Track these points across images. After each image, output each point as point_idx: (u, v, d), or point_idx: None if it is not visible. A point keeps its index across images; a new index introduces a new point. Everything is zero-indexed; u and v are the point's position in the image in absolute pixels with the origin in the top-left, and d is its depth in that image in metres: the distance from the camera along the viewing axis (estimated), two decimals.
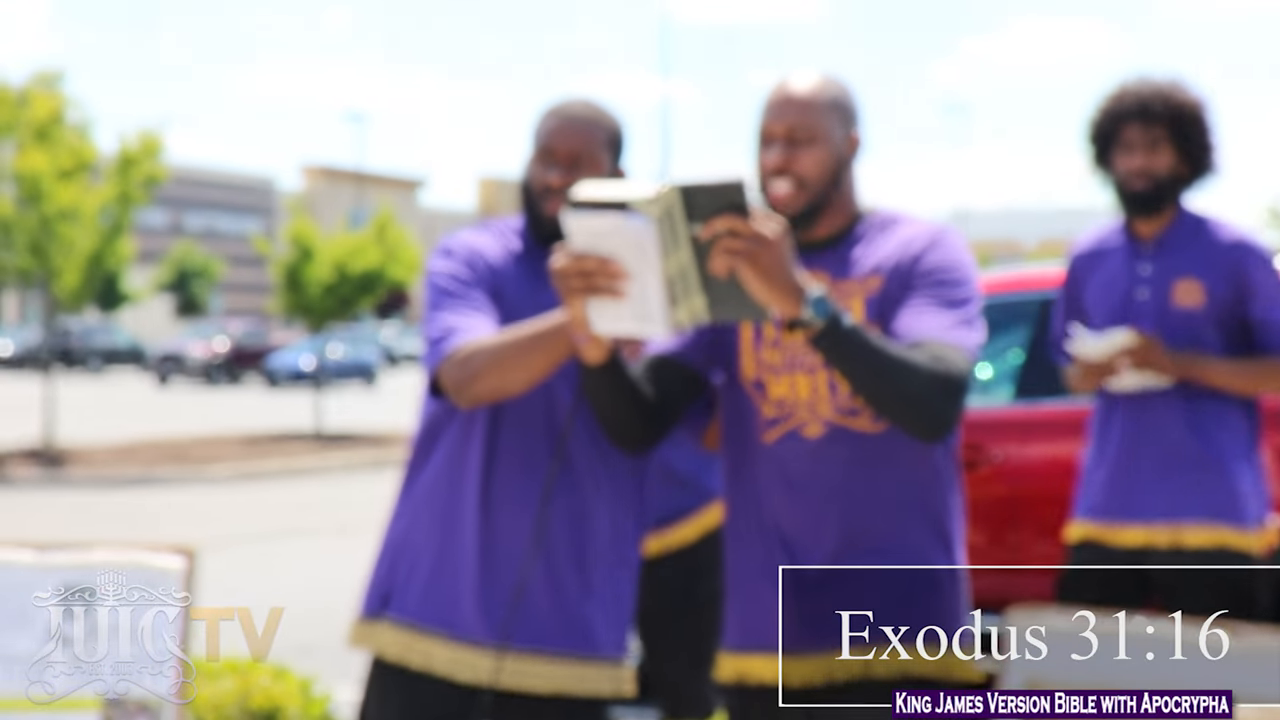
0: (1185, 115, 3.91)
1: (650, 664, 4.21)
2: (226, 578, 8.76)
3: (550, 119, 2.89)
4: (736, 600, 2.79)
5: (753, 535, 2.74)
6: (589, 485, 2.85)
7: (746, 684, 2.75)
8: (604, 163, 2.88)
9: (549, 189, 2.84)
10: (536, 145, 2.89)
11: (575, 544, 2.84)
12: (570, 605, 2.83)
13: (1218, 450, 3.83)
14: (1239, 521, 3.81)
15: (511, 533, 2.80)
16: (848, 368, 2.49)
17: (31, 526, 12.01)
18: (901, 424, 2.55)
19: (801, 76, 2.74)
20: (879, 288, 2.69)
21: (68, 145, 17.03)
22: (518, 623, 2.78)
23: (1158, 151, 3.88)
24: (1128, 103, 3.91)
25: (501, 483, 2.82)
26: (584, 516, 2.85)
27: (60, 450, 16.92)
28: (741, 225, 2.34)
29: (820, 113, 2.69)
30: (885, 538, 2.66)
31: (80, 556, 2.83)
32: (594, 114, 2.91)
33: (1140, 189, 3.89)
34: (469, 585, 2.81)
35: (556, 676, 2.81)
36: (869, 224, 2.77)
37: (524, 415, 2.83)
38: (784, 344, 2.70)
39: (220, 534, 11.36)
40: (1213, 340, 3.86)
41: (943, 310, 2.62)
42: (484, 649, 2.79)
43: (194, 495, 14.30)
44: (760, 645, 2.72)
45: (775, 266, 2.37)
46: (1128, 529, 3.87)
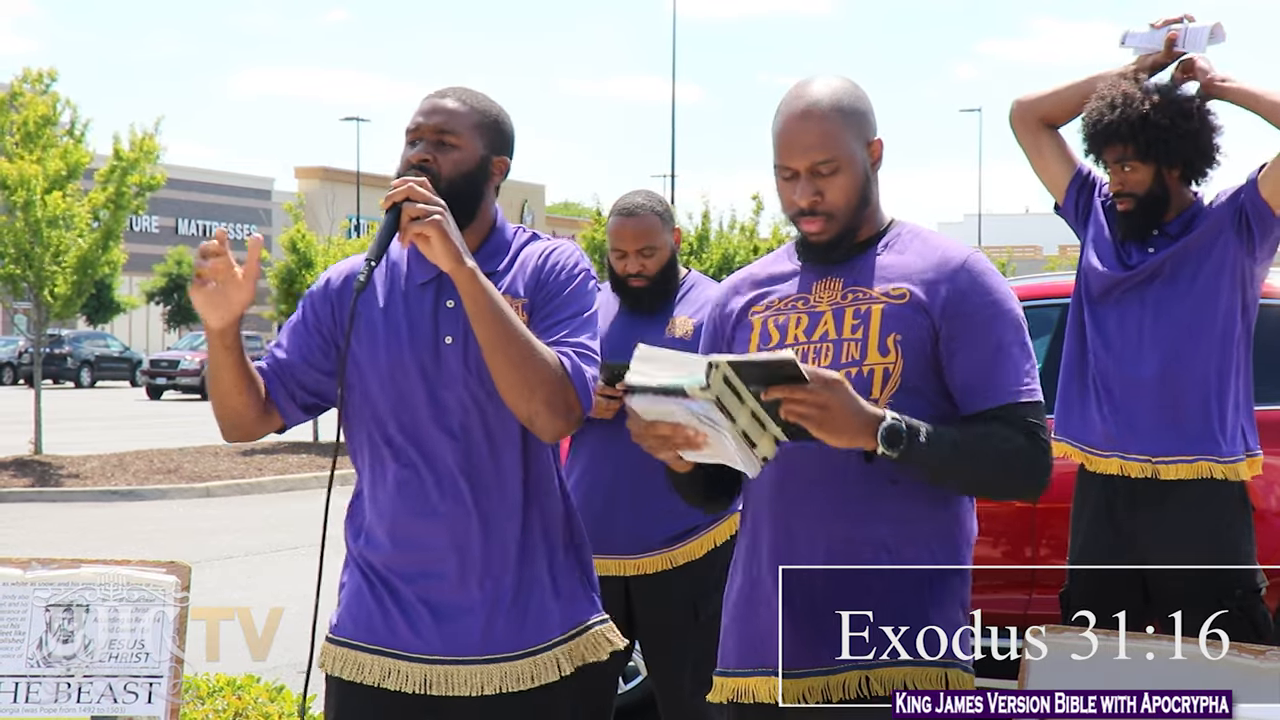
0: (1150, 126, 3.97)
1: (655, 679, 4.17)
2: (220, 593, 8.69)
3: (421, 103, 2.88)
4: (733, 622, 2.77)
5: (757, 543, 2.72)
6: (467, 497, 2.79)
7: (743, 703, 2.72)
8: (474, 146, 2.83)
9: (410, 165, 2.80)
10: (407, 128, 2.86)
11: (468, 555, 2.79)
12: (475, 611, 2.78)
13: (1193, 386, 3.95)
14: (1218, 453, 3.94)
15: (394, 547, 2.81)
16: (932, 476, 2.58)
17: (19, 540, 11.93)
18: (998, 500, 2.60)
19: (811, 102, 2.65)
20: (904, 304, 2.64)
21: (58, 149, 16.93)
22: (437, 633, 2.76)
23: (1129, 170, 4.01)
24: (1096, 127, 4.05)
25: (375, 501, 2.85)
26: (473, 527, 2.78)
27: (49, 462, 16.83)
28: (799, 395, 2.43)
29: (839, 139, 2.64)
30: (890, 546, 2.63)
31: (69, 573, 2.77)
32: (467, 97, 2.88)
33: (1123, 210, 4.05)
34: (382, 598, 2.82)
35: (477, 679, 2.76)
36: (896, 233, 2.74)
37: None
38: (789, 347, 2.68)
39: (214, 548, 11.28)
40: (1229, 242, 3.97)
41: (1004, 357, 2.62)
42: (409, 660, 2.77)
43: (187, 508, 14.23)
44: (756, 665, 2.69)
45: (841, 423, 2.46)
46: (1108, 458, 4.03)
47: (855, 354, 2.63)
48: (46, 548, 10.63)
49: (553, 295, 2.82)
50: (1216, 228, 4.02)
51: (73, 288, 17.20)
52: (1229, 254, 4.01)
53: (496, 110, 2.91)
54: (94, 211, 17.28)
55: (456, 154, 2.82)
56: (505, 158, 2.90)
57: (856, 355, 2.63)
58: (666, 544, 4.05)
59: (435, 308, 2.82)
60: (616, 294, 4.20)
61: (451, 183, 2.79)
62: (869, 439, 2.49)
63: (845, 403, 2.45)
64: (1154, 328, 4.02)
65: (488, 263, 2.83)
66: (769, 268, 2.83)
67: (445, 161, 2.81)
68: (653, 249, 4.12)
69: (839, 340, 2.65)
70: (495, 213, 2.92)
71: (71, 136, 17.41)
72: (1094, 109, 4.06)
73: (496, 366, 2.69)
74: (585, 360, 2.77)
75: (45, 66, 17.27)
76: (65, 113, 17.39)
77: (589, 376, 2.76)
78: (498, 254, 2.87)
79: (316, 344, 2.88)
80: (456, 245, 2.66)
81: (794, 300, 2.73)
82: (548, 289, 2.83)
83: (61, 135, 17.31)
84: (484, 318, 2.68)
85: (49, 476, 15.98)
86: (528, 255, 2.88)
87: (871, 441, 2.49)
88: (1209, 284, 4.00)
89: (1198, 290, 4.01)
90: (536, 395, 2.69)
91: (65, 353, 41.72)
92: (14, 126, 16.90)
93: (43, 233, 16.66)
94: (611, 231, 4.17)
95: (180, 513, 13.81)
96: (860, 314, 2.65)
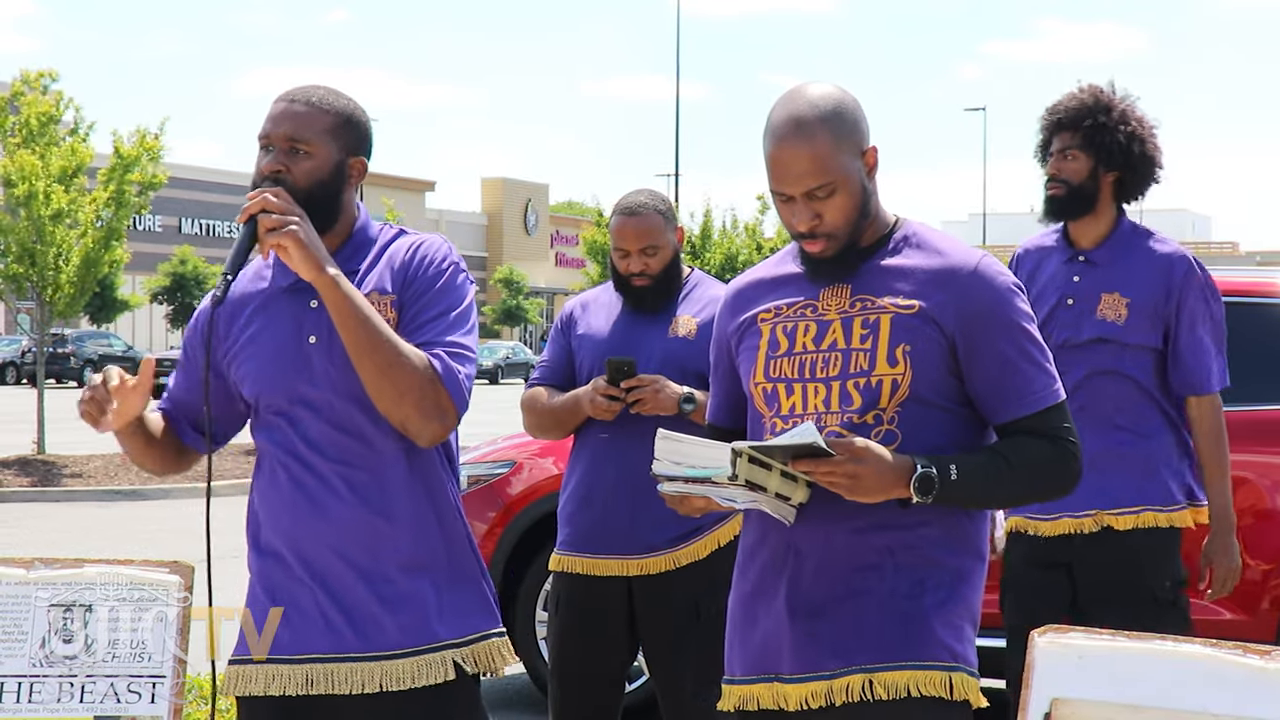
0: (1097, 123, 4.14)
1: (657, 680, 4.16)
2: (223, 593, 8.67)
3: (271, 106, 2.81)
4: (737, 628, 2.75)
5: (760, 547, 2.70)
6: (348, 496, 2.76)
7: (749, 710, 2.70)
8: (327, 151, 2.78)
9: (263, 176, 2.76)
10: (259, 134, 2.81)
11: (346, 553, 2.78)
12: (358, 608, 2.76)
13: (1137, 441, 4.04)
14: (1163, 502, 4.04)
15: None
16: (965, 506, 2.62)
17: (22, 540, 11.92)
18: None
19: (800, 123, 2.59)
20: (913, 314, 2.62)
21: (61, 148, 16.92)
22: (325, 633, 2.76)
23: (1069, 159, 4.16)
24: (1051, 115, 4.23)
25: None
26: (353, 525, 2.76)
27: (52, 462, 16.82)
28: (826, 468, 2.48)
29: (832, 160, 2.59)
30: (894, 549, 2.61)
31: (71, 573, 2.77)
32: (318, 99, 2.80)
33: (1051, 194, 4.21)
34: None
35: (358, 677, 2.74)
36: (902, 235, 2.71)
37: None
38: (797, 355, 2.67)
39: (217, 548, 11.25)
40: (1130, 358, 4.06)
41: (1021, 364, 2.62)
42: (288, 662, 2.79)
43: (190, 508, 14.22)
44: (761, 671, 2.68)
45: (873, 486, 2.50)
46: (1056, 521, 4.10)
47: (864, 364, 2.61)
48: (49, 547, 10.62)
49: (421, 292, 2.78)
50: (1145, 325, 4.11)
51: (76, 287, 17.21)
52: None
53: (351, 109, 2.83)
54: (97, 210, 17.26)
55: (309, 162, 2.76)
56: (362, 157, 2.84)
57: (865, 365, 2.61)
58: (669, 545, 4.04)
59: (301, 308, 2.80)
60: (619, 293, 4.19)
61: (307, 192, 2.74)
62: (902, 490, 2.52)
63: (875, 467, 2.49)
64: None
65: (349, 261, 2.81)
66: (775, 270, 2.81)
67: (299, 171, 2.75)
68: (655, 248, 4.11)
69: (848, 350, 2.63)
70: (358, 211, 2.88)
71: (74, 135, 17.40)
72: (1063, 101, 4.24)
73: (364, 373, 2.68)
74: (458, 359, 2.73)
75: (46, 67, 17.29)
76: (68, 112, 17.40)
77: (462, 376, 2.73)
78: (360, 252, 2.84)
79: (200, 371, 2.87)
80: (315, 254, 2.65)
81: (802, 307, 2.71)
82: (415, 286, 2.79)
83: (64, 134, 17.31)
84: (347, 324, 2.66)
85: (52, 476, 15.99)
86: (395, 251, 2.84)
87: (905, 491, 2.52)
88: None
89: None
90: (406, 400, 2.67)
91: (68, 352, 41.71)
92: (16, 126, 16.90)
93: (46, 230, 16.65)
94: (614, 231, 4.16)
95: (183, 512, 13.82)
96: (869, 324, 2.63)
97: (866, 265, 2.68)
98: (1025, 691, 2.35)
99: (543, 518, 6.20)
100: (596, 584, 4.07)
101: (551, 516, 5.28)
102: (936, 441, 2.60)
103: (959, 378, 2.63)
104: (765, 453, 2.49)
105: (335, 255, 2.77)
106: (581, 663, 4.06)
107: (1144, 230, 4.22)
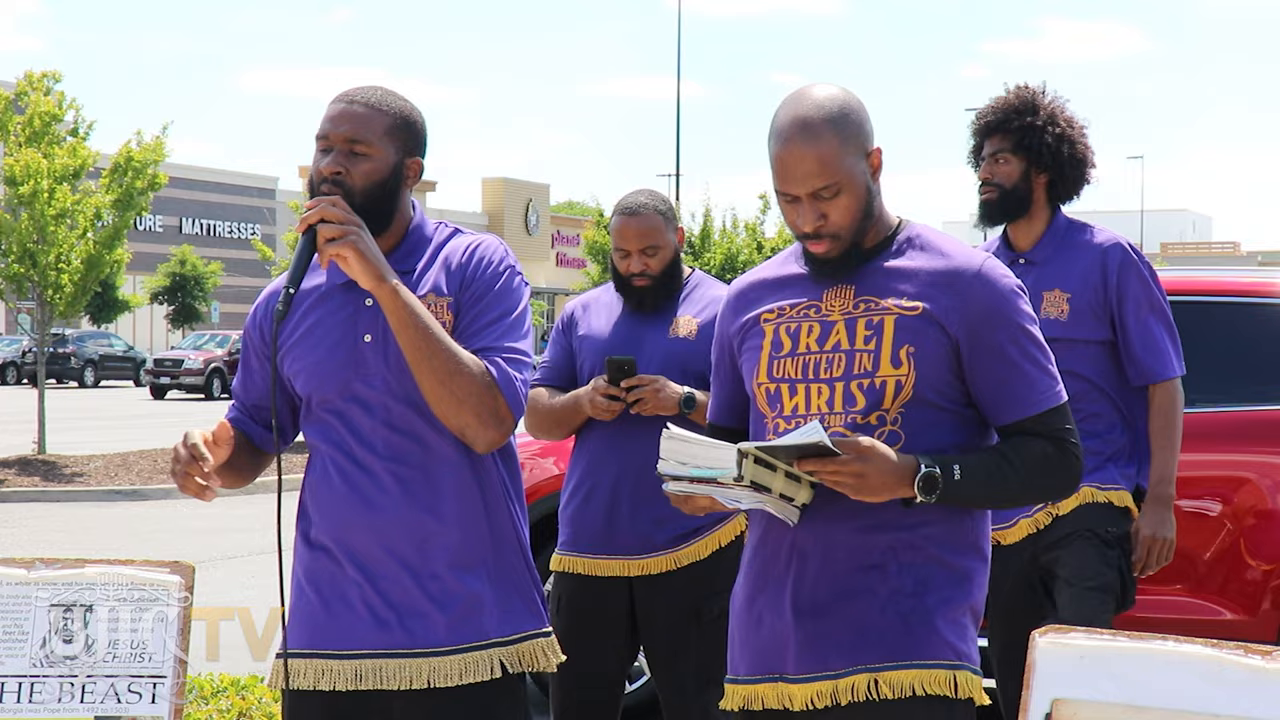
0: (1025, 123, 4.16)
1: (658, 680, 4.16)
2: (224, 593, 8.68)
3: (329, 106, 2.81)
4: (740, 628, 2.75)
5: (763, 547, 2.71)
6: (400, 495, 2.77)
7: (754, 710, 2.71)
8: (386, 153, 2.78)
9: (323, 178, 2.76)
10: (317, 134, 2.80)
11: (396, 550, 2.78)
12: (407, 606, 2.76)
13: (1088, 439, 3.96)
14: (1101, 482, 4.05)
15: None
16: (967, 505, 2.64)
17: (23, 540, 11.93)
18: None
19: (806, 124, 2.60)
20: (916, 316, 2.63)
21: (63, 148, 16.93)
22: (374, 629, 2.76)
23: (1001, 163, 4.18)
24: (980, 119, 4.26)
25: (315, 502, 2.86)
26: (401, 525, 2.76)
27: (53, 461, 16.83)
28: (832, 468, 2.50)
29: (837, 160, 2.60)
30: (898, 549, 2.62)
31: (72, 573, 2.77)
32: (377, 100, 2.81)
33: (984, 198, 4.22)
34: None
35: (406, 673, 2.74)
36: (906, 236, 2.72)
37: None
38: (801, 356, 2.67)
39: (218, 548, 11.28)
40: (1079, 354, 4.04)
41: (1024, 366, 2.63)
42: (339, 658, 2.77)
43: (190, 508, 14.21)
44: (765, 671, 2.68)
45: (878, 485, 2.52)
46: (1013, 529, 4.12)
47: (868, 365, 2.62)
48: (50, 547, 10.63)
49: (479, 295, 2.79)
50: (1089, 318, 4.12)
51: (77, 287, 17.21)
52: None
53: (408, 110, 2.84)
54: (98, 211, 17.27)
55: (368, 164, 2.76)
56: (419, 158, 2.85)
57: (869, 366, 2.62)
58: (670, 544, 4.04)
59: (356, 306, 2.80)
60: (620, 294, 4.19)
61: (365, 193, 2.75)
62: (907, 489, 2.54)
63: (880, 467, 2.51)
64: None
65: (405, 261, 2.81)
66: (778, 271, 2.81)
67: (357, 173, 2.75)
68: (656, 248, 4.11)
69: (851, 351, 2.64)
70: (414, 210, 2.89)
71: (75, 136, 17.42)
72: (991, 104, 4.26)
73: (422, 381, 2.68)
74: (514, 365, 2.74)
75: (49, 68, 17.31)
76: (69, 113, 17.42)
77: (519, 382, 2.74)
78: (415, 252, 2.84)
79: (266, 373, 2.90)
80: (375, 263, 2.66)
81: (805, 308, 2.72)
82: (474, 289, 2.79)
83: (66, 135, 17.33)
84: (406, 333, 2.67)
85: (53, 476, 15.99)
86: (451, 251, 2.84)
87: (909, 491, 2.54)
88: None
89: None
90: (465, 407, 2.68)
91: (69, 352, 41.70)
92: (19, 126, 16.92)
93: (48, 230, 16.66)
94: (614, 231, 4.16)
95: (184, 512, 13.81)
96: (873, 325, 2.64)
97: (870, 266, 2.68)
98: (1026, 692, 2.35)
99: (543, 518, 6.20)
100: (597, 584, 4.07)
101: (552, 517, 5.28)
102: (939, 442, 2.61)
103: (962, 379, 2.64)
104: (771, 453, 2.50)
105: (391, 255, 2.78)
106: (582, 663, 4.05)
107: (1079, 225, 4.22)
